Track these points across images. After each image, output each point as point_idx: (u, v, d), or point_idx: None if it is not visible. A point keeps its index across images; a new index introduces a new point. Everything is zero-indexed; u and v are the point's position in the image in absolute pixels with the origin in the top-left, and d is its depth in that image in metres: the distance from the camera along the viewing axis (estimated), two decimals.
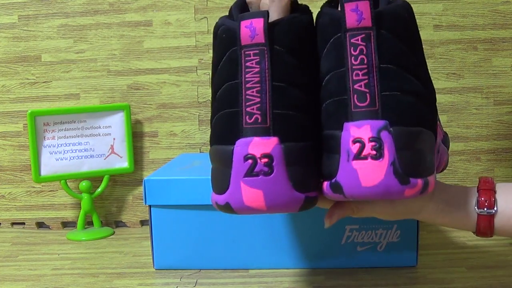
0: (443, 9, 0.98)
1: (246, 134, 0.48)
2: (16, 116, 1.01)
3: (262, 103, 0.48)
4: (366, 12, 0.47)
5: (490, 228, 0.55)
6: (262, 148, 0.47)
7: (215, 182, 0.51)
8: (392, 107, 0.47)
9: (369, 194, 0.47)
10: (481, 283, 0.68)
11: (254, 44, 0.48)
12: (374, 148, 0.46)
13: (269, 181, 0.47)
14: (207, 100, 1.00)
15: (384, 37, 0.48)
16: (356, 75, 0.47)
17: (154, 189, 0.75)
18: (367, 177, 0.46)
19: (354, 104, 0.47)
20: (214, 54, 0.52)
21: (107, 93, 1.01)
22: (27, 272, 0.77)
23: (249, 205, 0.48)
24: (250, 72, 0.48)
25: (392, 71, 0.48)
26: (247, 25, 0.48)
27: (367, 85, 0.47)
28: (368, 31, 0.47)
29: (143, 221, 1.01)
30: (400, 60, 0.48)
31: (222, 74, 0.50)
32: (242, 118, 0.48)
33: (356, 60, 0.47)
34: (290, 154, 0.48)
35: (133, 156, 0.99)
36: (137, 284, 0.72)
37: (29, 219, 1.02)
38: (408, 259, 0.75)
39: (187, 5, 0.99)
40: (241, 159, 0.47)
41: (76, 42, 1.00)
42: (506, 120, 0.99)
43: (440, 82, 0.98)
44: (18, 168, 1.02)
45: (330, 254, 0.75)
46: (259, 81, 0.48)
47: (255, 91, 0.48)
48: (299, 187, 0.48)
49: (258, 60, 0.48)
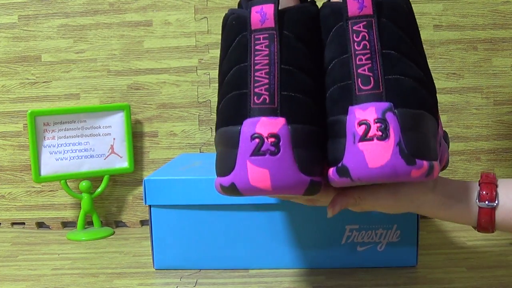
0: (443, 9, 0.98)
1: (254, 114, 0.48)
2: (16, 116, 1.01)
3: (271, 84, 0.49)
4: (367, 1, 0.49)
5: (491, 222, 0.56)
6: (269, 127, 0.48)
7: (220, 165, 0.51)
8: (396, 90, 0.48)
9: (376, 175, 0.47)
10: (481, 283, 0.68)
11: (264, 28, 0.49)
12: (380, 129, 0.47)
13: (275, 160, 0.47)
14: (207, 100, 1.00)
15: (385, 25, 0.49)
16: (360, 60, 0.48)
17: (154, 189, 0.75)
18: (374, 158, 0.46)
19: (359, 88, 0.48)
20: (223, 42, 0.53)
21: (107, 93, 1.01)
22: (27, 272, 0.77)
23: (254, 184, 0.48)
24: (260, 54, 0.49)
25: (394, 56, 0.49)
26: (257, 10, 0.50)
27: (371, 69, 0.48)
28: (369, 18, 0.49)
29: (143, 221, 1.01)
30: (401, 47, 0.49)
31: (231, 59, 0.51)
32: (250, 99, 0.49)
33: (359, 46, 0.49)
34: (296, 135, 0.48)
35: (133, 156, 0.99)
36: (137, 284, 0.72)
37: (29, 219, 1.02)
38: (408, 259, 0.75)
39: (187, 5, 0.99)
40: (248, 138, 0.48)
41: (76, 42, 1.00)
42: (506, 120, 0.99)
43: (440, 82, 0.98)
44: (18, 168, 1.02)
45: (330, 254, 0.75)
46: (268, 63, 0.49)
47: (263, 72, 0.49)
48: (305, 170, 0.49)
49: (267, 44, 0.49)
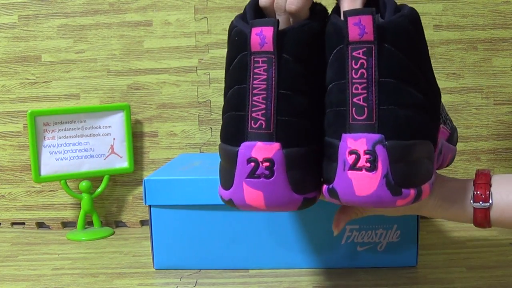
0: (443, 9, 0.98)
1: (251, 138, 0.50)
2: (16, 116, 1.01)
3: (267, 110, 0.50)
4: (368, 27, 0.48)
5: (486, 220, 0.57)
6: (264, 152, 0.50)
7: (221, 177, 0.54)
8: (389, 122, 0.49)
9: (362, 203, 0.49)
10: (481, 283, 0.68)
11: (263, 52, 0.50)
12: (369, 161, 0.48)
13: (269, 183, 0.50)
14: (207, 100, 1.00)
15: (385, 51, 0.49)
16: (356, 88, 0.49)
17: (154, 189, 0.75)
18: (361, 187, 0.48)
19: (352, 117, 0.49)
20: (228, 53, 0.54)
21: (107, 93, 1.01)
22: (27, 272, 0.77)
23: (250, 203, 0.51)
24: (258, 78, 0.50)
25: (392, 84, 0.49)
26: (257, 32, 0.50)
27: (366, 99, 0.48)
28: (369, 45, 0.49)
29: (143, 221, 1.01)
30: (400, 74, 0.49)
31: (232, 76, 0.53)
32: (248, 123, 0.50)
33: (357, 74, 0.49)
34: (291, 159, 0.50)
35: (133, 156, 0.99)
36: (137, 284, 0.72)
37: (29, 219, 1.02)
38: (408, 259, 0.75)
39: (187, 5, 0.99)
40: (245, 161, 0.50)
41: (76, 42, 1.00)
42: (506, 120, 0.99)
43: (440, 82, 0.98)
44: (18, 168, 1.02)
45: (330, 254, 0.75)
46: (265, 88, 0.50)
47: (261, 97, 0.50)
48: (298, 189, 0.51)
49: (266, 68, 0.50)
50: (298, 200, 0.51)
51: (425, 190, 0.51)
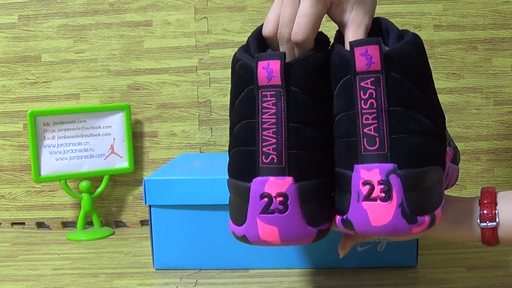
0: (443, 9, 0.98)
1: (263, 173, 0.50)
2: (16, 116, 1.01)
3: (278, 144, 0.50)
4: (375, 56, 0.48)
5: (494, 238, 0.57)
6: (277, 187, 0.49)
7: (233, 212, 0.54)
8: (401, 150, 0.49)
9: (379, 233, 0.49)
10: (481, 283, 0.68)
11: (271, 85, 0.50)
12: (383, 191, 0.48)
13: (283, 218, 0.50)
14: (207, 100, 1.00)
15: (393, 80, 0.49)
16: (366, 119, 0.49)
17: (154, 189, 0.75)
18: (377, 217, 0.48)
19: (364, 148, 0.49)
20: (232, 87, 0.54)
21: (107, 93, 1.01)
22: (27, 272, 0.77)
23: (264, 239, 0.51)
24: (267, 113, 0.50)
25: (401, 113, 0.49)
26: (264, 66, 0.50)
27: (377, 129, 0.48)
28: (377, 74, 0.49)
29: (143, 221, 1.01)
30: (409, 101, 0.50)
31: (239, 111, 0.52)
32: (259, 158, 0.50)
33: (366, 104, 0.49)
34: (304, 192, 0.50)
35: (133, 156, 0.99)
36: (137, 284, 0.72)
37: (29, 219, 1.02)
38: (408, 259, 0.75)
39: (187, 5, 0.99)
40: (258, 197, 0.50)
41: (76, 42, 1.00)
42: (506, 120, 0.99)
43: (440, 82, 0.98)
44: (18, 168, 1.02)
45: (330, 254, 0.75)
46: (275, 122, 0.50)
47: (271, 132, 0.50)
48: (312, 222, 0.51)
49: (274, 102, 0.50)
50: (312, 232, 0.51)
51: (438, 215, 0.51)
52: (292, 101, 0.50)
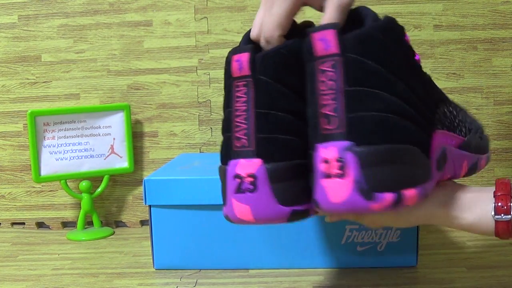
0: (443, 9, 0.98)
1: (235, 156, 0.54)
2: (16, 116, 1.01)
3: (248, 129, 0.54)
4: (332, 40, 0.51)
5: (509, 232, 0.56)
6: (247, 168, 0.53)
7: (222, 195, 0.57)
8: (358, 128, 0.50)
9: (338, 209, 0.51)
10: (481, 283, 0.68)
11: (241, 76, 0.54)
12: (339, 168, 0.50)
13: (254, 197, 0.53)
14: (207, 100, 1.00)
15: (351, 61, 0.51)
16: (325, 100, 0.51)
17: (154, 189, 0.75)
18: (334, 194, 0.50)
19: (323, 128, 0.51)
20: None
21: (107, 93, 1.01)
22: (27, 272, 0.77)
23: (240, 217, 0.54)
24: (239, 101, 0.54)
25: (360, 92, 0.51)
26: (237, 59, 0.54)
27: (335, 109, 0.50)
28: (335, 57, 0.51)
29: (143, 221, 1.01)
30: (368, 81, 0.51)
31: (224, 102, 0.57)
32: (232, 142, 0.54)
33: (324, 86, 0.51)
34: (273, 173, 0.53)
35: (133, 156, 0.99)
36: (137, 284, 0.72)
37: (29, 219, 1.02)
38: (408, 259, 0.75)
39: (187, 5, 0.99)
40: (232, 178, 0.54)
41: (76, 42, 1.00)
42: (506, 120, 0.99)
43: (440, 82, 0.98)
44: (18, 168, 1.02)
45: (330, 254, 0.75)
46: (246, 109, 0.54)
47: (242, 118, 0.54)
48: (285, 202, 0.53)
49: (245, 91, 0.54)
50: (286, 212, 0.53)
51: (408, 196, 0.50)
52: (261, 89, 0.54)
